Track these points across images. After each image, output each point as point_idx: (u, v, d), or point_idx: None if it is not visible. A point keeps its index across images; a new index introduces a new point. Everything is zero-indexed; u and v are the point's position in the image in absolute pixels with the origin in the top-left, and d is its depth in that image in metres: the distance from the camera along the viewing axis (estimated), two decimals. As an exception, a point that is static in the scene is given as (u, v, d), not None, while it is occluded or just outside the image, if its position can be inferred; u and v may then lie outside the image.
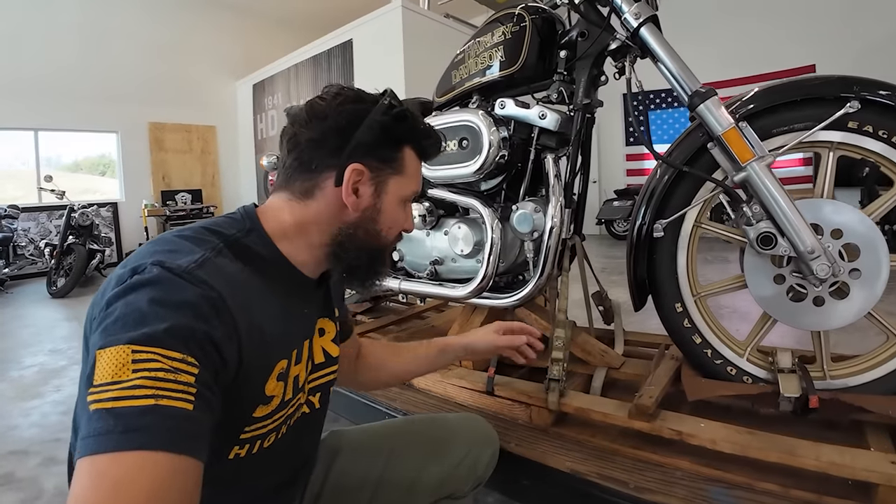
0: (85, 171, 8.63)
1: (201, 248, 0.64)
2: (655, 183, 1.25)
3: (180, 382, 0.52)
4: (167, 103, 8.39)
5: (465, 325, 1.57)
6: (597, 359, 1.46)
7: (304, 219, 0.75)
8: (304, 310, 0.79)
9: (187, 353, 0.53)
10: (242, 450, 0.70)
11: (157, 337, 0.52)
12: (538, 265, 1.36)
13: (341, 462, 0.97)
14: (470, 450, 1.01)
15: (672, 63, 1.15)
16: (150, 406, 0.49)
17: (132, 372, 0.50)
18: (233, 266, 0.65)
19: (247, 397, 0.66)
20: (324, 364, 0.86)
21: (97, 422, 0.48)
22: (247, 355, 0.62)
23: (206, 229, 0.69)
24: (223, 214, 0.75)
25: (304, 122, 0.74)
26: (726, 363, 1.24)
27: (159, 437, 0.49)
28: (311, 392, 0.85)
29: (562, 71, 1.36)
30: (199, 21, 8.70)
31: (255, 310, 0.65)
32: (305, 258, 0.76)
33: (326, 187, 0.74)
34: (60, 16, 7.29)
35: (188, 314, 0.55)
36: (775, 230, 1.08)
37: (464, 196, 1.50)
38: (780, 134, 1.12)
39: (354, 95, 0.76)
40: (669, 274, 1.27)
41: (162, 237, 0.67)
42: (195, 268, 0.60)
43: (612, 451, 1.16)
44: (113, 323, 0.53)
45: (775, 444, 1.00)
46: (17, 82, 6.97)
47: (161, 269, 0.58)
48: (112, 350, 0.51)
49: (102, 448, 0.47)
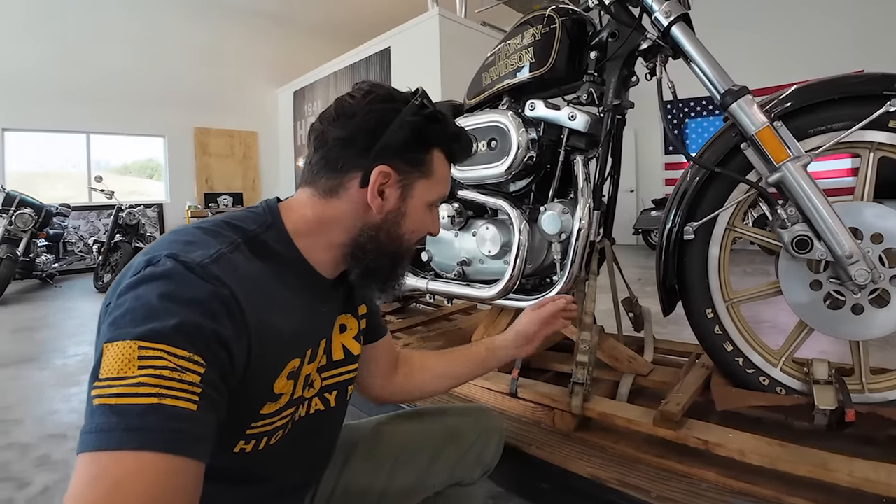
0: (133, 174, 9.00)
1: (218, 242, 0.63)
2: (686, 185, 1.22)
3: (185, 382, 0.52)
4: (212, 109, 8.70)
5: (491, 326, 1.56)
6: (624, 365, 1.43)
7: (326, 217, 0.74)
8: (323, 308, 0.78)
9: (194, 351, 0.53)
10: (248, 445, 0.70)
11: (165, 333, 0.52)
12: (565, 267, 1.34)
13: (354, 459, 0.97)
14: (478, 438, 1.00)
15: (704, 62, 1.12)
16: (154, 405, 0.49)
17: (138, 368, 0.50)
18: (248, 263, 0.65)
19: (255, 395, 0.66)
20: (343, 361, 0.86)
21: (99, 417, 0.48)
22: (256, 354, 0.62)
23: (227, 223, 0.69)
24: (246, 207, 0.76)
25: (332, 119, 0.73)
26: (759, 372, 1.20)
27: (160, 438, 0.49)
28: (326, 389, 0.84)
29: (592, 72, 1.35)
30: (242, 30, 9.01)
31: (268, 308, 0.65)
32: (324, 257, 0.75)
33: (351, 188, 0.72)
34: (112, 24, 7.69)
35: (198, 311, 0.55)
36: (811, 233, 1.04)
37: (492, 197, 1.50)
38: (818, 134, 1.08)
39: (385, 94, 0.75)
40: (700, 278, 1.24)
41: (182, 228, 0.67)
42: (209, 263, 0.59)
43: (635, 458, 1.13)
44: (122, 315, 0.53)
45: (806, 458, 0.96)
46: (70, 87, 7.39)
47: (174, 263, 0.57)
48: (119, 345, 0.51)
49: (104, 445, 0.47)
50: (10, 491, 1.62)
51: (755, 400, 1.17)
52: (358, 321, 0.89)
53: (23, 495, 1.60)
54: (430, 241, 1.73)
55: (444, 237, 1.69)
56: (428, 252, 1.74)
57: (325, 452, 0.93)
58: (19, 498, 1.59)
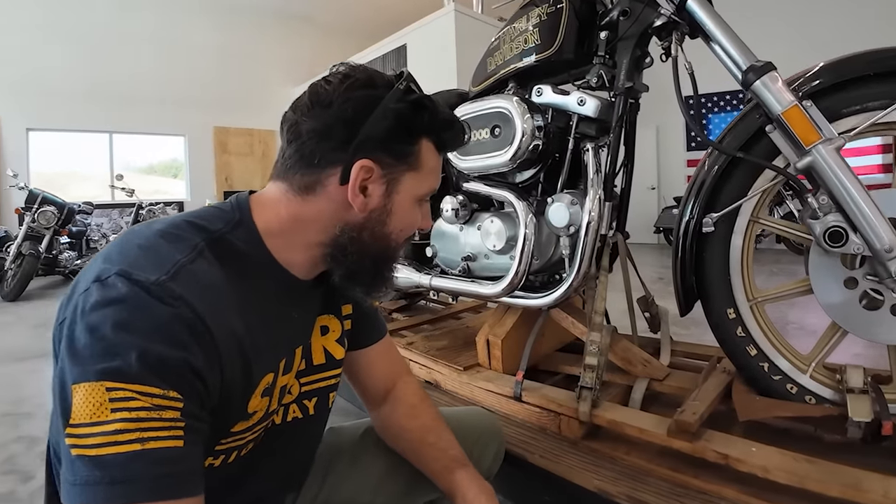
0: (158, 174, 9.20)
1: (177, 250, 0.56)
2: (706, 173, 1.12)
3: (165, 420, 0.48)
4: (231, 109, 8.82)
5: (496, 325, 1.48)
6: (638, 369, 1.33)
7: (302, 216, 0.66)
8: (294, 314, 0.71)
9: (168, 387, 0.49)
10: (217, 460, 0.65)
11: (131, 374, 0.47)
12: (574, 263, 1.25)
13: (339, 466, 0.90)
14: (474, 444, 0.92)
15: (724, 37, 1.02)
16: (137, 452, 0.46)
17: (111, 412, 0.46)
18: (212, 270, 0.58)
19: (228, 415, 0.61)
20: (324, 366, 0.80)
21: (82, 469, 0.46)
22: (230, 375, 0.57)
23: (189, 223, 0.61)
24: (214, 204, 0.68)
25: (306, 108, 0.65)
26: (786, 379, 1.10)
27: (149, 487, 0.47)
28: (305, 396, 0.78)
29: (602, 53, 1.25)
30: (261, 30, 9.13)
31: (238, 321, 0.59)
32: (299, 258, 0.68)
33: (330, 185, 0.64)
34: (133, 25, 7.90)
35: (161, 341, 0.49)
36: (846, 224, 0.93)
37: (498, 189, 1.41)
38: (852, 115, 0.97)
39: (365, 79, 0.65)
40: (721, 275, 1.14)
41: (137, 231, 0.60)
42: (167, 280, 0.52)
43: (646, 471, 1.03)
44: (81, 350, 0.48)
45: (838, 476, 0.86)
46: (93, 88, 7.62)
47: (127, 284, 0.51)
48: (86, 387, 0.47)
49: (92, 500, 0.46)
50: (14, 484, 1.63)
51: (781, 410, 1.07)
52: (341, 322, 0.83)
53: (25, 489, 1.61)
54: (435, 236, 1.66)
55: (449, 231, 1.61)
56: (433, 247, 1.66)
57: (304, 462, 0.87)
58: (22, 491, 1.59)
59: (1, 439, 1.93)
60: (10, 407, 2.25)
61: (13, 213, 6.08)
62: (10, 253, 5.07)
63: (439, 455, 0.83)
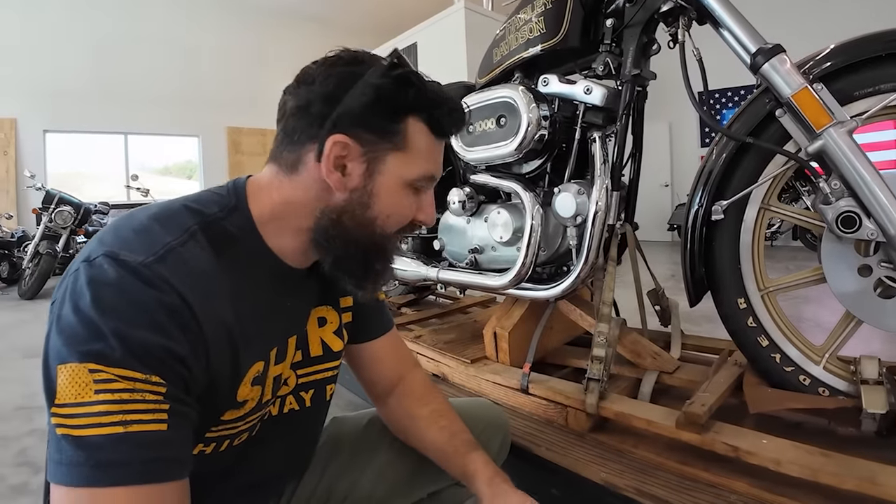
0: (173, 175, 9.31)
1: (168, 232, 0.55)
2: (714, 161, 1.10)
3: (148, 402, 0.48)
4: (244, 109, 8.88)
5: (503, 317, 1.46)
6: (647, 361, 1.32)
7: (290, 198, 0.64)
8: (288, 303, 0.70)
9: (149, 371, 0.48)
10: (208, 447, 0.65)
11: (114, 357, 0.47)
12: (581, 253, 1.24)
13: (340, 456, 0.90)
14: (478, 436, 0.91)
15: (732, 20, 1.00)
16: (120, 435, 0.46)
17: (94, 393, 0.46)
18: (203, 255, 0.57)
19: (216, 404, 0.60)
20: (321, 358, 0.79)
21: (67, 449, 0.46)
22: (217, 363, 0.56)
23: (185, 207, 0.61)
24: (212, 188, 0.67)
25: (293, 87, 0.65)
26: (798, 371, 1.07)
27: (133, 471, 0.47)
28: (302, 388, 0.77)
29: (608, 41, 1.23)
30: (273, 30, 9.21)
31: (228, 309, 0.58)
32: (290, 245, 0.66)
33: (309, 162, 0.63)
34: (147, 27, 8.02)
35: (143, 326, 0.49)
36: (859, 209, 0.90)
37: (505, 180, 1.40)
38: (864, 97, 0.94)
39: (350, 57, 0.64)
40: (731, 264, 1.11)
41: (133, 214, 0.59)
42: (154, 261, 0.52)
43: (655, 464, 1.02)
44: (66, 330, 0.49)
45: (852, 469, 0.83)
46: (108, 90, 7.74)
47: (113, 265, 0.50)
48: (71, 367, 0.47)
49: (76, 481, 0.46)
50: (27, 475, 1.65)
51: (794, 402, 1.04)
52: (339, 314, 0.81)
53: (38, 480, 1.63)
54: (442, 229, 1.65)
55: (456, 224, 1.60)
56: (440, 240, 1.65)
57: (302, 453, 0.86)
58: (35, 482, 1.62)
59: (15, 432, 1.96)
60: (25, 401, 2.28)
61: (31, 213, 6.16)
62: (27, 252, 5.16)
63: (451, 438, 0.82)
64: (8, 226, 6.04)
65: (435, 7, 6.08)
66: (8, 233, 5.78)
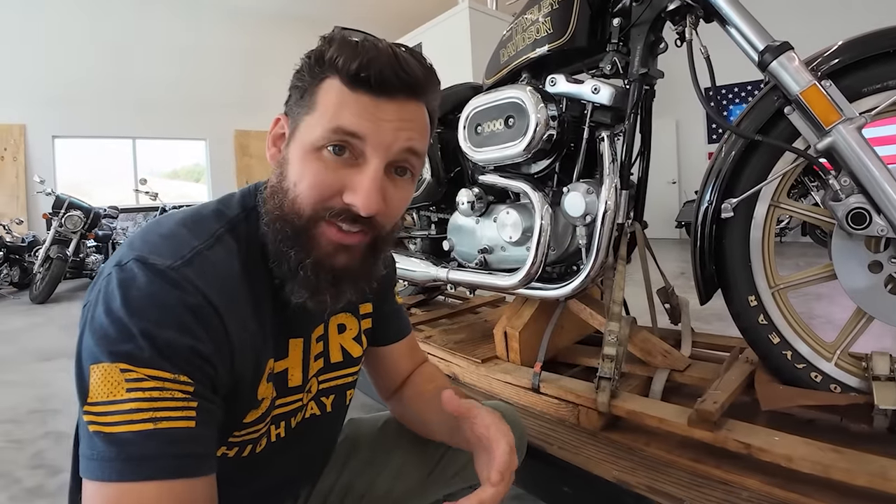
0: (182, 178, 9.36)
1: (195, 237, 0.57)
2: (723, 159, 1.10)
3: (177, 399, 0.50)
4: (251, 112, 8.91)
5: (514, 317, 1.47)
6: (658, 360, 1.32)
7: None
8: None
9: (177, 371, 0.50)
10: (231, 451, 0.66)
11: (143, 358, 0.49)
12: (591, 252, 1.24)
13: (357, 457, 0.91)
14: None
15: (739, 17, 1.00)
16: (150, 431, 0.48)
17: (126, 391, 0.48)
18: (230, 258, 0.58)
19: (240, 404, 0.61)
20: (341, 364, 0.80)
21: (99, 445, 0.48)
22: (240, 363, 0.58)
23: (211, 210, 0.63)
24: (240, 189, 0.69)
25: None
26: (810, 368, 1.07)
27: (162, 466, 0.48)
28: (323, 393, 0.78)
29: (615, 41, 1.23)
30: (279, 33, 9.20)
31: (251, 313, 0.59)
32: None
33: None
34: (154, 32, 8.07)
35: (170, 326, 0.50)
36: (869, 206, 0.90)
37: (513, 180, 1.41)
38: (873, 93, 0.94)
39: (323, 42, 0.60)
40: (741, 262, 1.11)
41: (161, 220, 0.60)
42: (181, 265, 0.53)
43: (667, 462, 1.02)
44: (98, 331, 0.50)
45: (864, 465, 0.83)
46: (116, 95, 7.79)
47: (141, 269, 0.52)
48: (103, 367, 0.49)
49: (107, 476, 0.47)
50: (42, 478, 1.68)
51: (805, 399, 1.04)
52: (359, 321, 0.82)
53: (54, 482, 1.65)
54: (451, 230, 1.66)
55: (465, 224, 1.61)
56: (449, 241, 1.66)
57: (320, 457, 0.87)
58: (51, 484, 1.64)
59: (30, 435, 1.99)
60: (39, 404, 2.32)
61: (41, 218, 6.24)
62: (38, 257, 5.22)
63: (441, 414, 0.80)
64: (18, 231, 6.10)
65: (438, 7, 6.08)
66: (18, 238, 5.85)
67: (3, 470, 1.72)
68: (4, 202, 7.12)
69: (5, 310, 4.78)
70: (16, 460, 1.79)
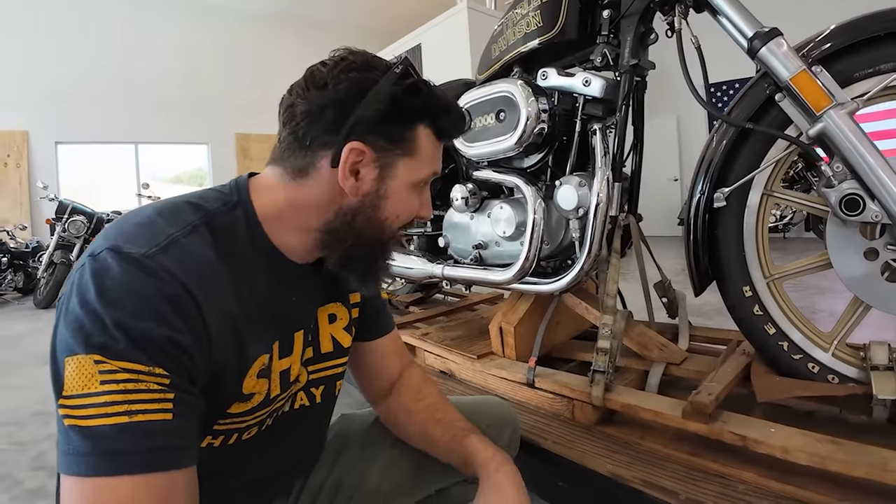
0: (184, 183, 9.40)
1: (172, 225, 0.56)
2: (714, 149, 1.09)
3: (153, 391, 0.49)
4: (252, 115, 8.94)
5: (509, 312, 1.46)
6: (654, 353, 1.30)
7: (297, 201, 0.65)
8: (293, 297, 0.70)
9: (153, 363, 0.49)
10: (216, 440, 0.65)
11: (117, 350, 0.48)
12: (584, 245, 1.23)
13: (348, 452, 0.90)
14: (485, 432, 0.90)
15: (728, 6, 0.99)
16: (126, 424, 0.47)
17: (100, 383, 0.47)
18: (206, 248, 0.58)
19: (222, 396, 0.61)
20: (331, 354, 0.79)
21: (74, 440, 0.47)
22: (220, 353, 0.57)
23: (188, 203, 0.62)
24: (214, 186, 0.68)
25: (301, 90, 0.64)
26: (807, 358, 1.05)
27: (137, 461, 0.47)
28: (313, 384, 0.78)
29: (606, 32, 1.22)
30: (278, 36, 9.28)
31: (232, 300, 0.59)
32: (295, 241, 0.67)
33: (322, 168, 0.64)
34: (155, 37, 8.15)
35: (146, 317, 0.50)
36: (863, 191, 0.89)
37: (507, 175, 1.40)
38: (864, 78, 0.92)
39: (362, 62, 0.65)
40: (736, 252, 1.10)
41: (137, 210, 0.60)
42: (157, 252, 0.52)
43: (662, 455, 1.01)
44: (72, 323, 0.49)
45: (863, 456, 0.82)
46: (117, 101, 7.87)
47: (115, 258, 0.51)
48: (77, 359, 0.48)
49: (83, 470, 0.46)
50: (44, 479, 1.69)
51: (802, 390, 1.03)
52: (349, 310, 0.82)
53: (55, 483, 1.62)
54: (447, 226, 1.65)
55: (460, 221, 1.60)
56: (445, 237, 1.66)
57: (310, 448, 0.87)
58: (52, 485, 1.58)
59: (32, 437, 1.99)
60: (42, 406, 2.32)
61: (44, 224, 6.26)
62: (42, 262, 5.24)
63: (448, 427, 0.83)
64: (22, 236, 6.13)
65: (437, 8, 6.08)
66: (22, 243, 5.88)
67: (6, 471, 1.73)
68: (8, 208, 7.16)
69: (9, 315, 4.80)
70: (18, 462, 1.79)
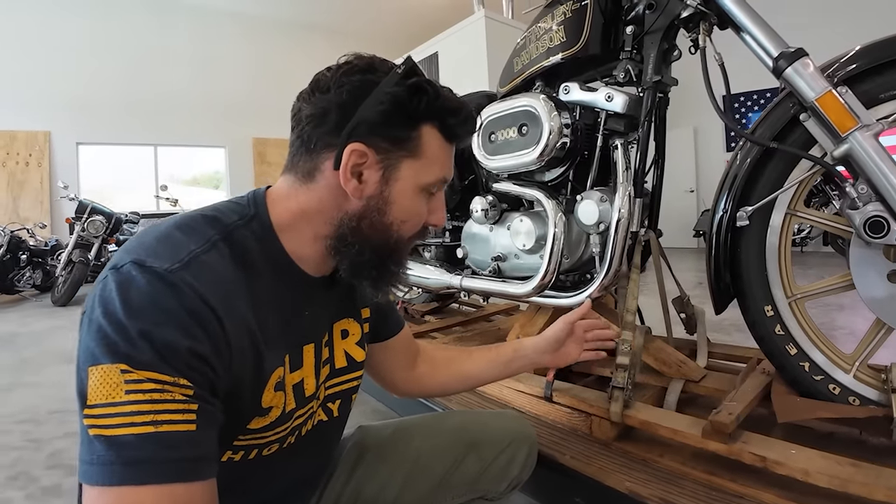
0: (201, 185, 9.52)
1: (192, 241, 0.57)
2: (738, 166, 1.09)
3: (178, 402, 0.49)
4: (269, 120, 9.04)
5: (527, 325, 1.47)
6: (673, 370, 1.30)
7: (307, 206, 0.66)
8: (306, 311, 0.70)
9: (177, 374, 0.50)
10: (237, 455, 0.66)
11: (143, 361, 0.49)
12: (604, 260, 1.24)
13: (366, 464, 0.91)
14: (504, 448, 0.91)
15: (753, 24, 0.99)
16: (150, 434, 0.47)
17: (125, 393, 0.48)
18: (224, 262, 0.59)
19: (242, 410, 0.61)
20: (346, 369, 0.80)
21: (99, 449, 0.47)
22: (240, 366, 0.58)
23: (205, 217, 0.62)
24: (232, 198, 0.69)
25: (307, 95, 0.65)
26: (828, 379, 1.05)
27: (160, 471, 0.48)
28: (329, 399, 0.79)
29: (629, 48, 1.23)
30: (296, 42, 9.41)
31: (250, 314, 0.59)
32: (308, 252, 0.68)
33: (326, 170, 0.64)
34: (175, 44, 8.35)
35: (169, 328, 0.50)
36: (887, 213, 0.88)
37: (527, 188, 1.41)
38: (890, 100, 0.92)
39: (364, 64, 0.65)
40: (757, 271, 1.10)
41: (157, 225, 0.61)
42: (179, 268, 0.53)
43: (681, 474, 1.00)
44: (97, 334, 0.50)
45: (883, 479, 0.81)
46: (138, 104, 8.03)
47: (139, 271, 0.52)
48: (102, 369, 0.48)
49: (107, 480, 0.46)
50: (60, 477, 1.70)
51: (823, 411, 1.02)
52: (361, 325, 0.83)
53: (71, 482, 1.66)
54: (465, 237, 1.66)
55: (479, 232, 1.61)
56: (463, 248, 1.67)
57: (326, 462, 0.88)
58: (67, 483, 1.66)
59: (48, 435, 2.02)
60: (60, 405, 2.35)
61: (64, 223, 6.38)
62: (61, 260, 5.33)
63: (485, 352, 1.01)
64: (42, 235, 6.23)
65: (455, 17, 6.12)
66: (42, 242, 5.97)
67: (22, 469, 1.75)
68: (29, 206, 7.31)
69: (28, 312, 4.88)
70: (34, 460, 1.82)
